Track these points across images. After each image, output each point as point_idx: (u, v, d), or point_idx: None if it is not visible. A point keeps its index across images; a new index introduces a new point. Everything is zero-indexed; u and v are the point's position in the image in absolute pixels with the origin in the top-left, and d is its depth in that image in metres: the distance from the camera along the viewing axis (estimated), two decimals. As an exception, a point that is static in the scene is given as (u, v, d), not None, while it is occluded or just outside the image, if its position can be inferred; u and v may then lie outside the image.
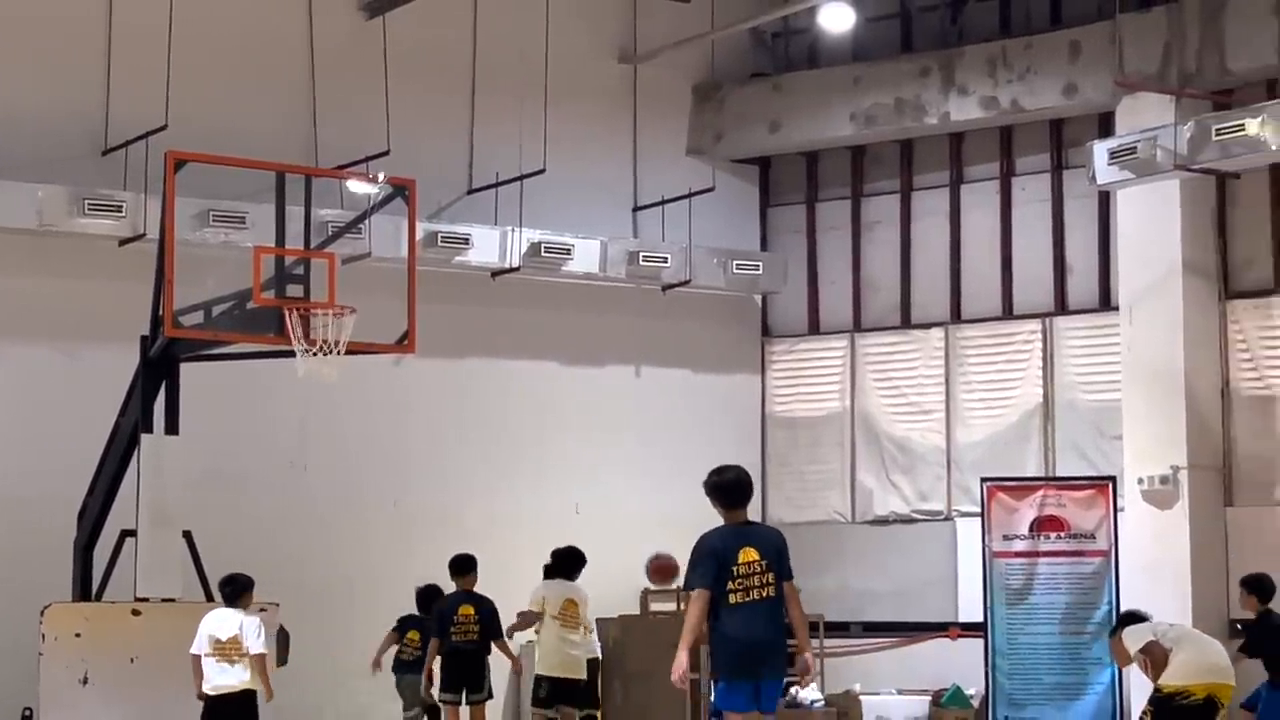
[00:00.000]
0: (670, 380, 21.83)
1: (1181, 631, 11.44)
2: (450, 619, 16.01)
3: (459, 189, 20.25)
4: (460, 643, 15.70)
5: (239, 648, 13.87)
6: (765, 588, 10.09)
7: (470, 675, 15.77)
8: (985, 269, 21.32)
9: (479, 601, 15.94)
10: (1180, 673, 10.70)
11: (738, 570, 10.04)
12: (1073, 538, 19.19)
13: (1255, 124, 17.44)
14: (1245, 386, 19.36)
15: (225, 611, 14.13)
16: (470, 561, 16.15)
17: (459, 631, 15.72)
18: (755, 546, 10.15)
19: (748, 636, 10.00)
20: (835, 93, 21.52)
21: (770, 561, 10.19)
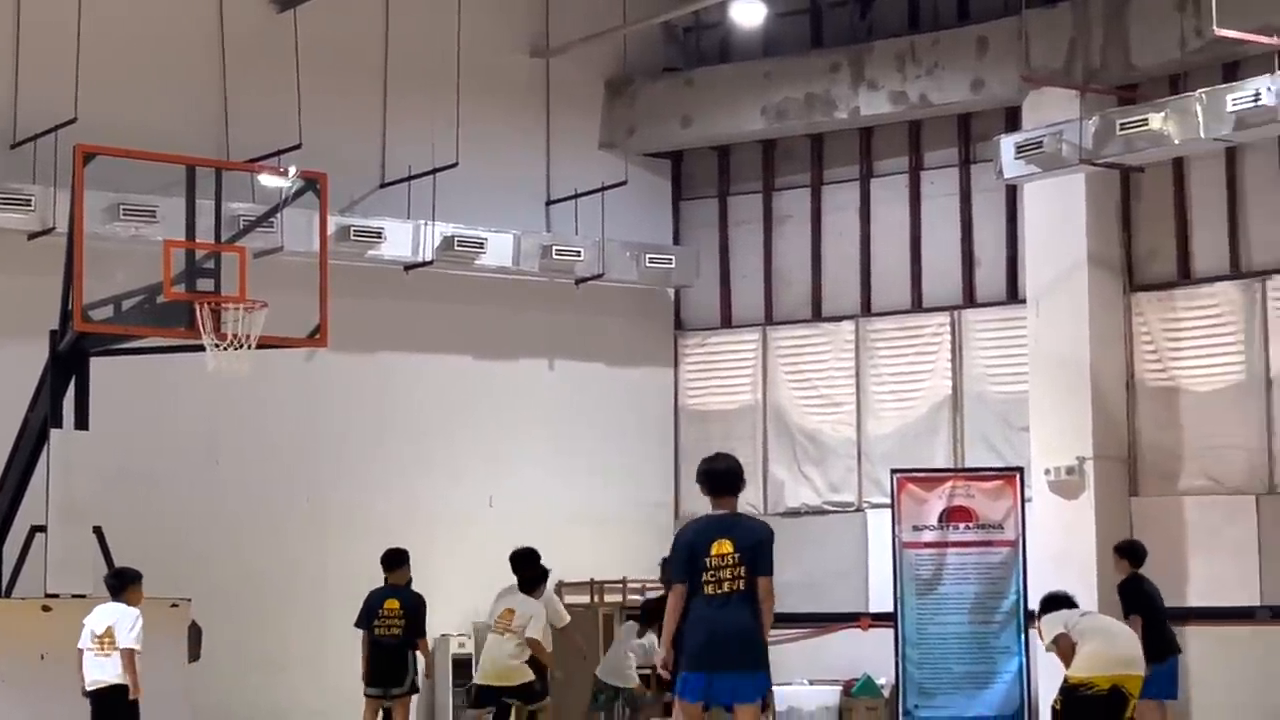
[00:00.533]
0: (583, 374, 21.84)
1: (1091, 623, 11.51)
2: (375, 613, 15.91)
3: (371, 183, 20.17)
4: (382, 637, 15.61)
5: (114, 642, 13.65)
6: (736, 580, 9.92)
7: (392, 670, 15.64)
8: (895, 262, 21.45)
9: (405, 596, 15.81)
10: (1085, 665, 10.77)
11: (710, 562, 9.91)
12: (981, 528, 19.37)
13: (1159, 119, 17.65)
14: (1149, 378, 19.57)
15: (108, 605, 13.93)
16: (398, 556, 15.97)
17: (382, 625, 15.62)
18: (732, 539, 9.99)
19: (708, 628, 9.91)
20: (746, 88, 21.59)
21: (744, 555, 9.98)
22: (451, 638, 20.04)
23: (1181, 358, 19.42)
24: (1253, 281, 19.02)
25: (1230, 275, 19.21)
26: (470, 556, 19.82)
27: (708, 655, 9.90)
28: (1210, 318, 19.29)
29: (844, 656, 20.50)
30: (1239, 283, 19.11)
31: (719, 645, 9.92)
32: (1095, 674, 10.62)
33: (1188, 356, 19.38)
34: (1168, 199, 19.64)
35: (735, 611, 9.89)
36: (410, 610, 15.47)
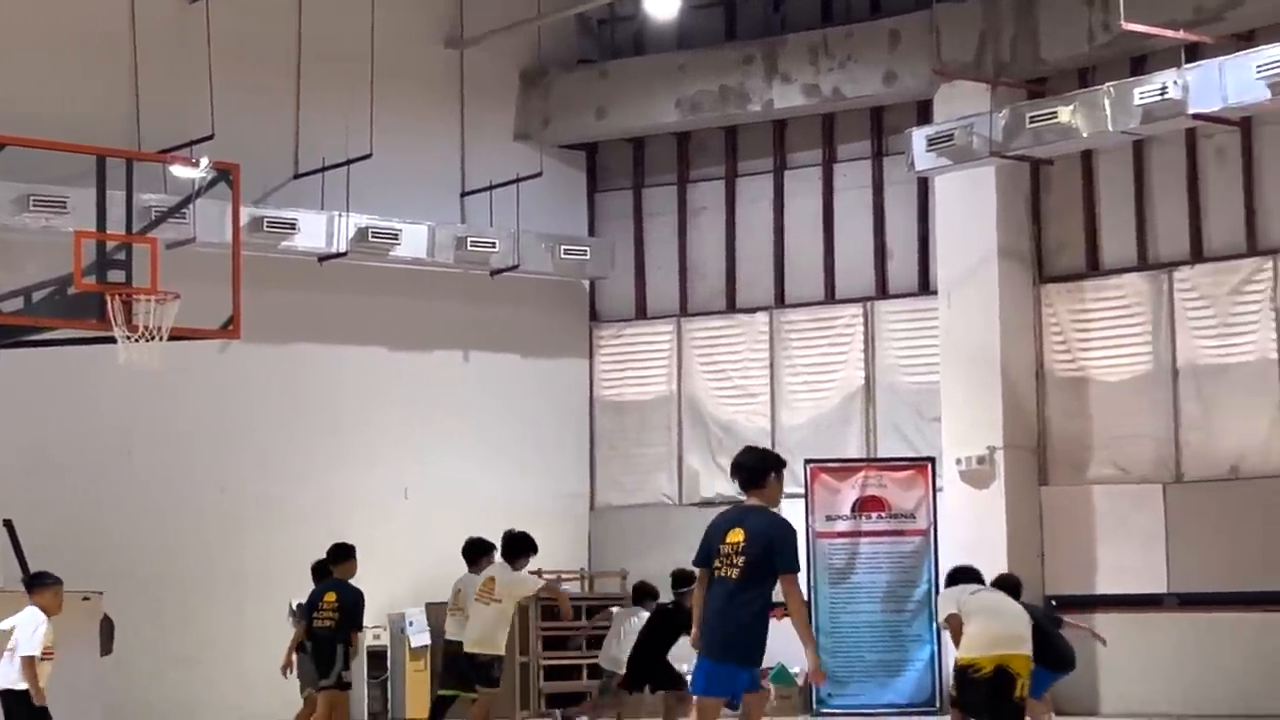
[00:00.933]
0: (499, 365, 21.82)
1: (979, 602, 11.38)
2: (315, 605, 15.73)
3: (285, 173, 20.07)
4: (318, 629, 15.39)
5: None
6: (731, 569, 9.83)
7: (318, 662, 15.42)
8: (808, 254, 21.54)
9: (343, 590, 15.55)
10: (968, 645, 10.71)
11: (722, 549, 9.87)
12: (893, 517, 19.51)
13: (1067, 112, 17.82)
14: (1059, 369, 19.76)
15: (25, 608, 13.64)
16: (341, 550, 15.73)
17: (319, 618, 15.41)
18: (746, 529, 9.93)
19: (703, 615, 9.91)
20: (661, 80, 21.63)
21: (748, 546, 9.84)
22: (367, 630, 19.93)
23: (1090, 348, 19.62)
24: (1160, 273, 19.23)
25: (1138, 267, 19.42)
26: (386, 548, 19.76)
27: (702, 642, 9.94)
28: (1118, 309, 19.50)
29: (758, 645, 20.55)
30: (1146, 274, 19.33)
31: (705, 632, 9.91)
32: (978, 655, 10.54)
33: (1096, 347, 19.59)
34: (1077, 192, 19.83)
35: (725, 600, 9.81)
36: (346, 605, 15.23)
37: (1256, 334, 18.56)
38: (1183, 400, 18.92)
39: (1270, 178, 18.64)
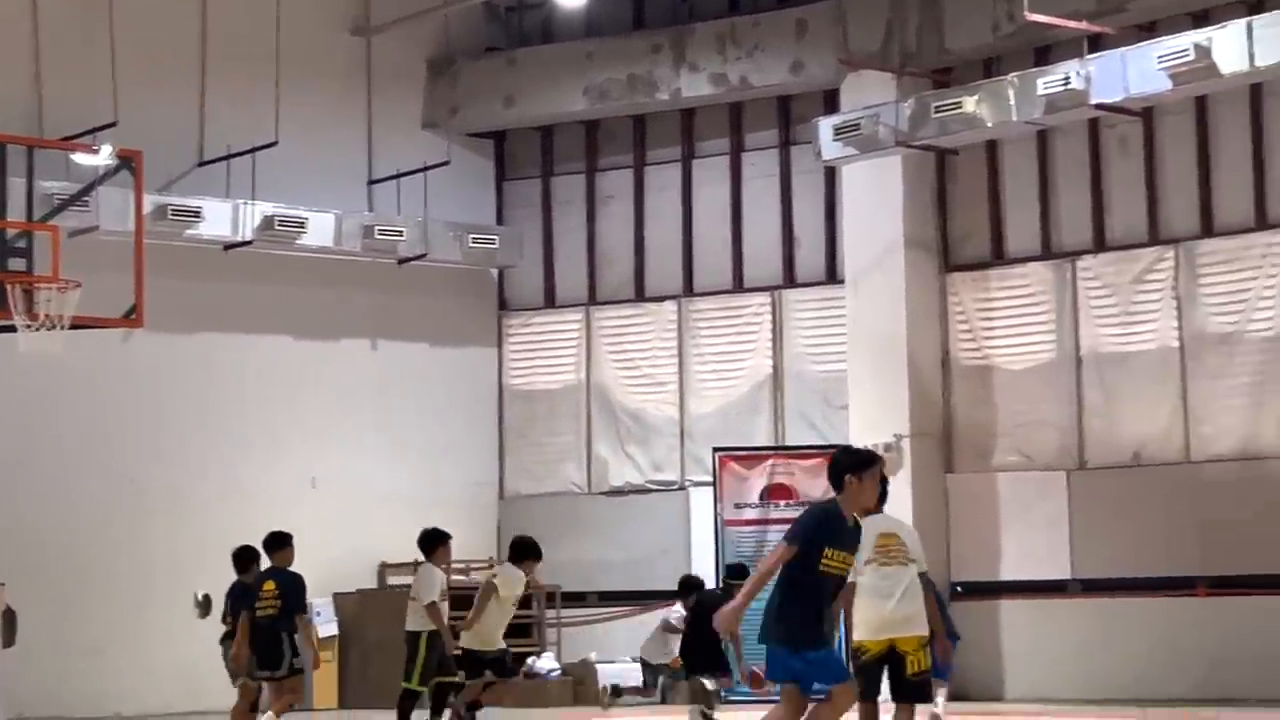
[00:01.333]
0: (407, 354, 21.75)
1: (864, 582, 11.27)
2: (250, 594, 15.48)
3: (189, 161, 19.92)
4: (260, 618, 15.12)
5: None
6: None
7: (266, 652, 15.12)
8: (716, 243, 21.58)
9: (282, 577, 15.26)
10: (858, 628, 10.69)
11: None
12: (802, 505, 19.53)
13: (972, 102, 17.94)
14: (964, 357, 19.89)
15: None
16: (279, 538, 15.45)
17: (260, 607, 15.15)
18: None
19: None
20: (569, 68, 21.60)
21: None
22: (274, 620, 19.84)
23: (995, 337, 19.76)
24: (1063, 262, 19.39)
25: (1042, 256, 19.57)
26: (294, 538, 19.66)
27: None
28: (1022, 298, 19.65)
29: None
30: (1050, 263, 19.48)
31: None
32: (865, 638, 10.55)
33: (1001, 335, 19.73)
34: (982, 181, 19.96)
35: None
36: (286, 590, 14.97)
37: (1158, 322, 18.75)
38: (1086, 388, 19.10)
39: (1172, 167, 18.84)
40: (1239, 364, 18.17)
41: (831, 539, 9.52)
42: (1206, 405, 18.35)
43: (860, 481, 9.61)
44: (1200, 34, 16.65)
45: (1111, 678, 18.34)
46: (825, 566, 9.49)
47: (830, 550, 9.49)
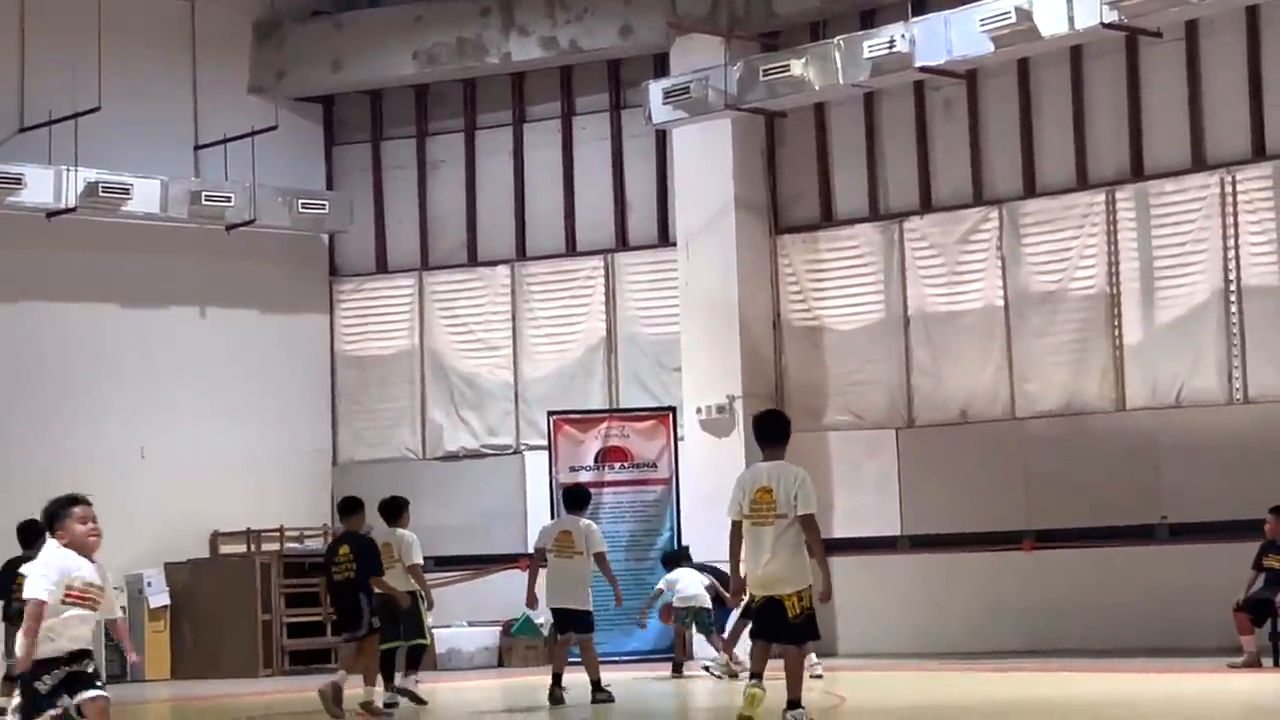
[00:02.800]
0: (237, 321, 21.51)
1: (745, 536, 11.49)
2: (332, 558, 15.11)
3: (10, 127, 19.54)
4: (338, 581, 14.78)
5: None
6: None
7: (347, 614, 14.90)
8: (549, 207, 21.56)
9: (354, 540, 14.85)
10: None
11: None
12: (636, 467, 19.67)
13: (799, 65, 18.06)
14: (795, 318, 20.06)
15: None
16: (352, 503, 15.04)
17: (338, 570, 14.81)
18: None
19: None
20: (397, 31, 21.43)
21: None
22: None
23: (825, 298, 19.95)
24: (891, 223, 19.62)
25: (869, 218, 19.80)
26: (123, 509, 19.35)
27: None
28: (851, 259, 19.86)
29: (503, 597, 20.54)
30: (878, 224, 19.70)
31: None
32: (750, 589, 11.17)
33: (830, 297, 19.93)
34: (810, 144, 20.12)
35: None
36: (362, 553, 14.74)
37: (983, 282, 19.04)
38: (914, 347, 19.35)
39: (995, 129, 19.12)
40: (1062, 322, 18.53)
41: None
42: (1031, 363, 18.68)
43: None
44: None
45: (941, 632, 18.64)
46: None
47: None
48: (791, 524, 10.90)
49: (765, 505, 10.95)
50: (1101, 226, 18.38)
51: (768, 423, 11.37)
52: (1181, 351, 17.83)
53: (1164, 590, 17.39)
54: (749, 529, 11.01)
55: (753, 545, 10.99)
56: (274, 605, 20.02)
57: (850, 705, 14.05)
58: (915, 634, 18.79)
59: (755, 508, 10.97)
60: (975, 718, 13.12)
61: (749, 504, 11.03)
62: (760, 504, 10.96)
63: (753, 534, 10.99)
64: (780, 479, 10.98)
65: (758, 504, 10.97)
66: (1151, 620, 17.47)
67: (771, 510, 10.90)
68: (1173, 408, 17.92)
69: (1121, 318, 18.19)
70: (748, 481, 11.16)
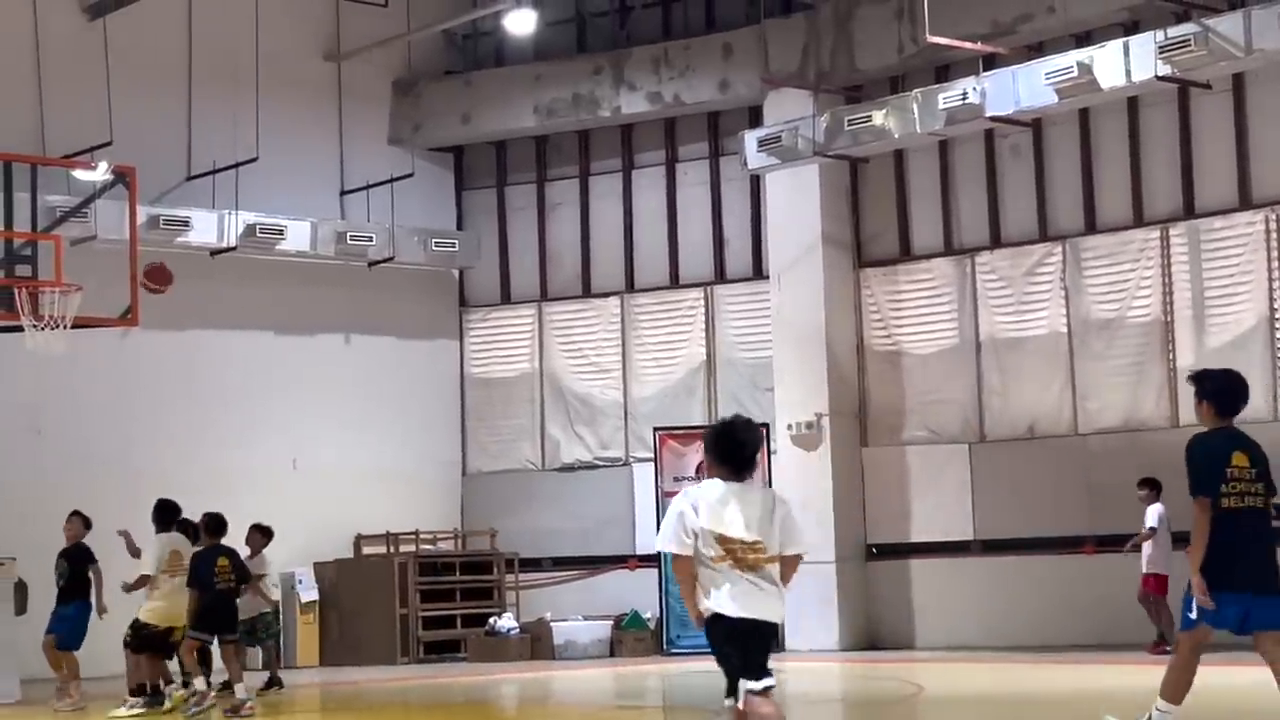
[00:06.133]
0: (377, 348, 21.76)
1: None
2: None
3: (179, 175, 19.88)
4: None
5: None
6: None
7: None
8: (654, 244, 21.67)
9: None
10: None
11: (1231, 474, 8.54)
12: (733, 477, 19.64)
13: (880, 115, 18.12)
14: (876, 343, 20.05)
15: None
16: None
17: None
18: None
19: None
20: (520, 88, 21.64)
21: (1258, 471, 8.52)
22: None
23: (903, 325, 19.92)
24: (964, 257, 19.58)
25: (944, 252, 19.75)
26: (277, 514, 19.66)
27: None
28: (927, 290, 19.82)
29: (613, 594, 20.74)
30: (952, 259, 19.66)
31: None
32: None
33: (909, 324, 19.90)
34: (890, 186, 20.11)
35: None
36: (237, 565, 14.68)
37: (1048, 310, 18.96)
38: (985, 370, 19.29)
39: (1059, 172, 19.05)
40: (1120, 346, 18.41)
41: None
42: (1092, 383, 18.58)
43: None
44: (1083, 53, 16.90)
45: (1010, 627, 18.56)
46: None
47: None
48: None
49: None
50: (1156, 260, 18.27)
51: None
52: (1230, 373, 17.64)
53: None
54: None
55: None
56: (410, 600, 20.22)
57: (927, 694, 14.06)
58: (987, 629, 18.72)
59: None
60: (1041, 706, 13.09)
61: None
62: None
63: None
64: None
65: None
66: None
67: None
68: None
69: (1175, 343, 18.06)
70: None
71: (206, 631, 13.86)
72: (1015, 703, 13.33)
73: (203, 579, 13.75)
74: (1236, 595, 8.06)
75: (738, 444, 7.25)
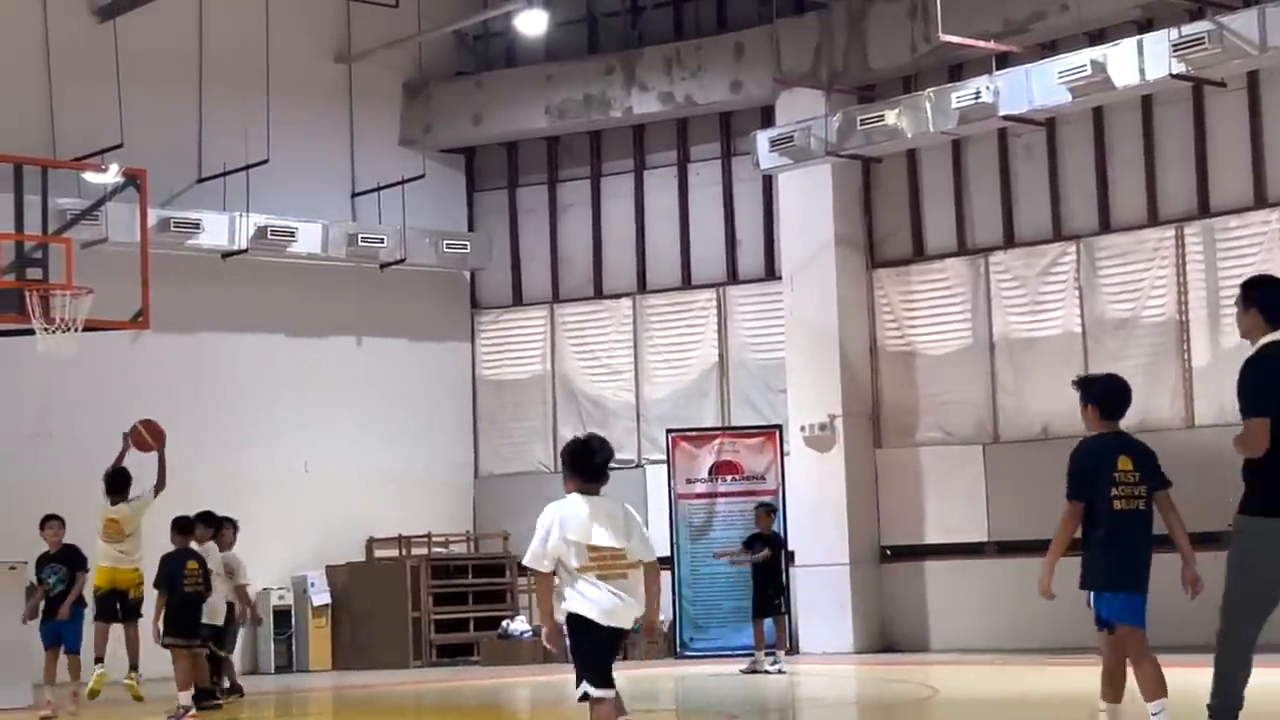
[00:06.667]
0: (389, 349, 21.65)
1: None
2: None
3: (189, 178, 19.76)
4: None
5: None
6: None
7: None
8: (666, 245, 21.54)
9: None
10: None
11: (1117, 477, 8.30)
12: (746, 479, 19.57)
13: (893, 115, 17.94)
14: (890, 344, 19.90)
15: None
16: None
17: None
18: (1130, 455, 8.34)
19: None
20: (531, 89, 21.51)
21: (1142, 474, 8.33)
22: (273, 591, 19.75)
23: (917, 326, 19.77)
24: (977, 257, 19.42)
25: (958, 252, 19.59)
26: (289, 517, 19.60)
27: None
28: (941, 290, 19.66)
29: (627, 596, 20.57)
30: (965, 259, 19.50)
31: None
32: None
33: (922, 324, 19.74)
34: (903, 186, 19.96)
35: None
36: (205, 570, 14.47)
37: (1062, 310, 18.79)
38: (999, 370, 19.12)
39: (1073, 171, 18.89)
40: (1135, 346, 18.23)
41: None
42: (1106, 384, 18.36)
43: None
44: (1096, 51, 16.72)
45: (1025, 629, 18.36)
46: None
47: None
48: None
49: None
50: (1171, 259, 18.09)
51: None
52: (1246, 373, 17.47)
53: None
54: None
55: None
56: (423, 603, 20.11)
57: (942, 696, 13.91)
58: (1001, 631, 18.53)
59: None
60: (1055, 708, 12.94)
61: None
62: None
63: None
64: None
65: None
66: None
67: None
68: (1238, 425, 17.51)
69: (1190, 343, 17.89)
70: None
71: (180, 636, 13.63)
72: (1030, 704, 13.18)
73: (171, 581, 13.57)
74: (1125, 594, 8.33)
75: (591, 453, 7.80)
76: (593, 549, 7.59)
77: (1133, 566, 8.35)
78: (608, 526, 7.64)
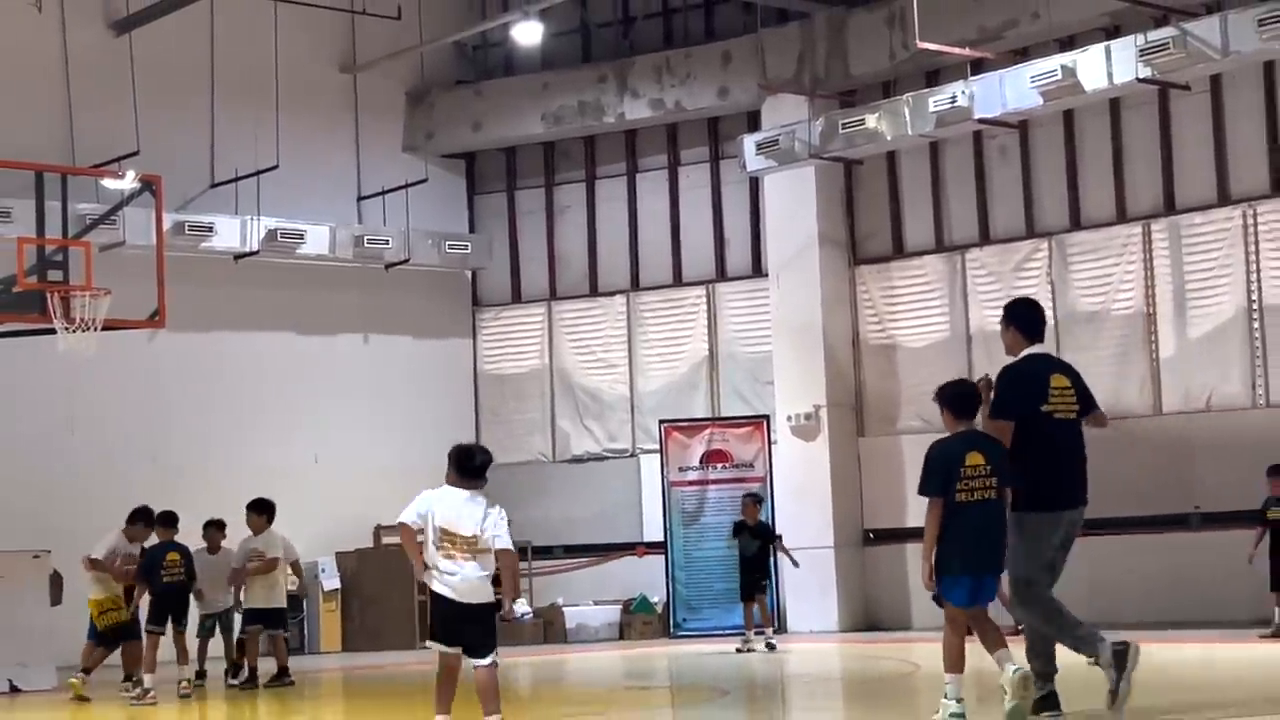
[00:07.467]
0: (394, 346, 21.80)
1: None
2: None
3: (203, 183, 19.91)
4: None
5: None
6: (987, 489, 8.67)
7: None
8: (658, 244, 21.69)
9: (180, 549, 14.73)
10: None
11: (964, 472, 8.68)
12: (735, 467, 19.73)
13: (873, 119, 18.11)
14: (872, 337, 20.07)
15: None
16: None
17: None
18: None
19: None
20: (528, 97, 21.66)
21: (993, 467, 8.69)
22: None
23: (897, 320, 19.94)
24: (954, 254, 19.59)
25: (936, 249, 19.75)
26: (300, 506, 19.72)
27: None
28: (920, 286, 19.83)
29: (623, 580, 20.77)
30: (943, 256, 19.67)
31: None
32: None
33: (902, 318, 19.91)
34: (883, 187, 20.13)
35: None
36: (187, 559, 14.42)
37: (1035, 304, 18.91)
38: (976, 362, 19.24)
39: (1045, 172, 19.05)
40: (1105, 338, 18.41)
41: None
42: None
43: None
44: (1066, 57, 16.89)
45: (997, 606, 18.50)
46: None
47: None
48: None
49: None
50: (1139, 255, 18.27)
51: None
52: (1211, 363, 17.69)
53: (1196, 570, 17.26)
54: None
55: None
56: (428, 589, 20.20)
57: (924, 671, 14.06)
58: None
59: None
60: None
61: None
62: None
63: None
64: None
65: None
66: (1185, 596, 17.33)
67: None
68: (1203, 412, 17.78)
69: (1157, 334, 18.08)
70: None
71: (159, 624, 13.72)
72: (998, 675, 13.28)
73: (150, 573, 13.66)
74: (970, 576, 8.79)
75: (471, 456, 8.97)
76: (446, 534, 8.65)
77: (973, 550, 8.75)
78: (468, 517, 8.67)
